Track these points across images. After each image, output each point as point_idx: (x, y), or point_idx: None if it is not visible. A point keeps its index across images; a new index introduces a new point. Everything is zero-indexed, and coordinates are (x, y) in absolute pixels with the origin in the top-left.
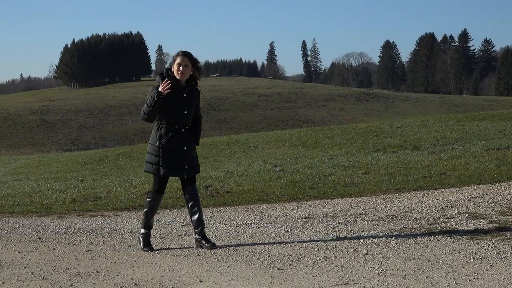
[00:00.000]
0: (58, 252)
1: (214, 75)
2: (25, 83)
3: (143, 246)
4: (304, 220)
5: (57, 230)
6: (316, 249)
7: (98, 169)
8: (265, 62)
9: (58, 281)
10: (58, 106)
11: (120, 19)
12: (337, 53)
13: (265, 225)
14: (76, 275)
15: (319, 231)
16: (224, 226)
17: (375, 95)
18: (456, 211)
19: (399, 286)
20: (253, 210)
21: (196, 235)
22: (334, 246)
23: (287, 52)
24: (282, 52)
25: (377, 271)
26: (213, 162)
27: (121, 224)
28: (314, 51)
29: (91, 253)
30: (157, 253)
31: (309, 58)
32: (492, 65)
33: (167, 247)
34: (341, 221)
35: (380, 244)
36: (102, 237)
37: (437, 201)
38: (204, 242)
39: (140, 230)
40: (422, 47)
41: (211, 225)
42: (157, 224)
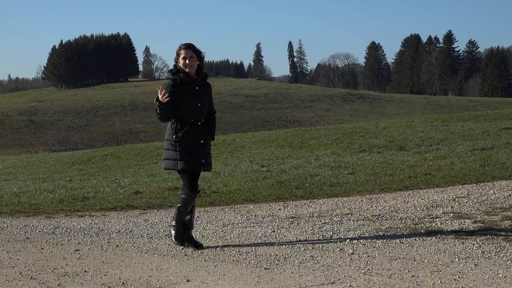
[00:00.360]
0: (46, 252)
1: None
2: (13, 84)
3: (173, 236)
4: (290, 220)
5: (45, 230)
6: (302, 249)
7: (86, 170)
8: (252, 63)
9: (46, 281)
10: (46, 106)
11: (107, 20)
12: (323, 54)
13: (252, 225)
14: (64, 275)
15: (305, 231)
16: (211, 226)
17: (361, 96)
18: (441, 211)
19: (385, 285)
20: (240, 210)
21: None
22: (320, 246)
23: (273, 53)
24: (269, 53)
25: (363, 271)
26: None
27: (109, 224)
28: (300, 52)
29: (78, 253)
30: (145, 252)
31: (295, 59)
32: (476, 66)
33: (154, 247)
34: (327, 221)
35: (366, 243)
36: (90, 237)
37: (422, 201)
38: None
39: (172, 222)
40: (407, 48)
41: (198, 225)
42: (144, 224)
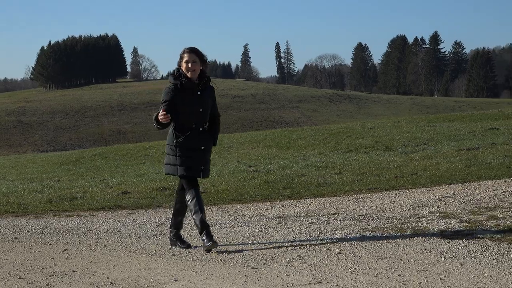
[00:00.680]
0: (35, 251)
1: None
2: (1, 84)
3: (206, 243)
4: (277, 220)
5: (34, 230)
6: (289, 249)
7: (74, 170)
8: (239, 64)
9: (34, 281)
10: (35, 107)
11: (95, 22)
12: (310, 55)
13: (240, 224)
14: (52, 275)
15: (292, 231)
16: (196, 224)
17: (348, 97)
18: (427, 211)
19: (372, 284)
20: (227, 210)
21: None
22: (307, 246)
23: (261, 54)
24: (256, 54)
25: (349, 270)
26: None
27: (97, 224)
28: (288, 53)
29: (67, 253)
30: (133, 252)
31: (282, 60)
32: (462, 67)
33: (142, 246)
34: (314, 221)
35: (353, 243)
36: (78, 237)
37: (408, 200)
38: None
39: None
40: (393, 49)
41: (185, 225)
42: (132, 224)
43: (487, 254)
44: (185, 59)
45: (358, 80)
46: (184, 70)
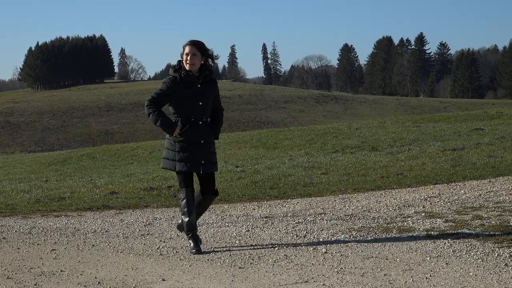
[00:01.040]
0: (23, 251)
1: None
2: None
3: (190, 249)
4: (264, 220)
5: (22, 230)
6: (276, 248)
7: (62, 170)
8: (226, 65)
9: (22, 280)
10: (22, 108)
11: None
12: (297, 56)
13: (227, 224)
14: (41, 274)
15: (279, 230)
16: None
17: (334, 97)
18: (413, 211)
19: (358, 284)
20: (214, 210)
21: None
22: (294, 245)
23: (248, 55)
24: (243, 55)
25: (336, 269)
26: None
27: (85, 224)
28: (274, 54)
29: (55, 253)
30: (120, 252)
31: (269, 61)
32: (447, 68)
33: (130, 246)
34: (300, 221)
35: (339, 243)
36: (66, 237)
37: (394, 200)
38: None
39: (187, 235)
40: (379, 50)
41: (173, 225)
42: (120, 224)
43: (472, 253)
44: (185, 51)
45: (344, 81)
46: (183, 62)
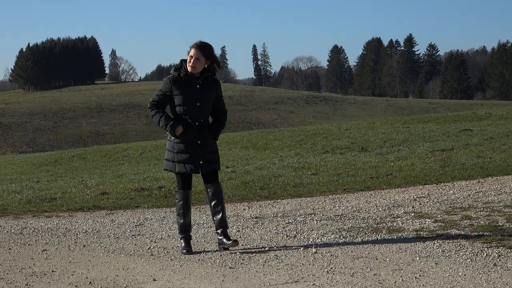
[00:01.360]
0: (14, 252)
1: None
2: None
3: (181, 249)
4: (255, 220)
5: (13, 230)
6: (266, 248)
7: (53, 171)
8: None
9: (13, 281)
10: (14, 109)
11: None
12: (287, 57)
13: None
14: (32, 275)
15: (269, 231)
16: (177, 226)
17: (324, 98)
18: (403, 211)
19: (348, 284)
20: (205, 210)
21: (218, 236)
22: (284, 245)
23: (238, 56)
24: (233, 56)
25: (326, 269)
26: None
27: (76, 224)
28: (264, 55)
29: (46, 253)
30: (111, 252)
31: (259, 62)
32: (436, 69)
33: (121, 246)
34: (291, 221)
35: (329, 243)
36: (57, 237)
37: (384, 201)
38: (226, 240)
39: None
40: (369, 51)
41: (164, 225)
42: (111, 225)
43: (462, 253)
44: (190, 53)
45: (334, 82)
46: (187, 63)
